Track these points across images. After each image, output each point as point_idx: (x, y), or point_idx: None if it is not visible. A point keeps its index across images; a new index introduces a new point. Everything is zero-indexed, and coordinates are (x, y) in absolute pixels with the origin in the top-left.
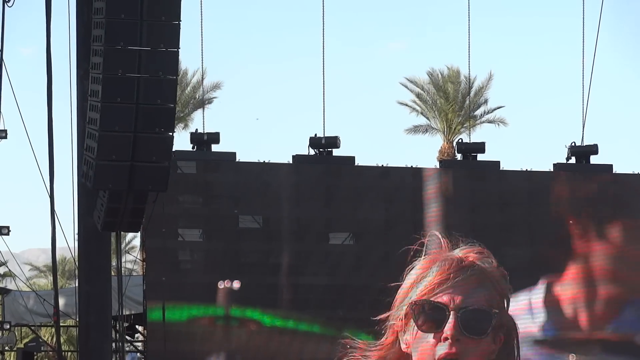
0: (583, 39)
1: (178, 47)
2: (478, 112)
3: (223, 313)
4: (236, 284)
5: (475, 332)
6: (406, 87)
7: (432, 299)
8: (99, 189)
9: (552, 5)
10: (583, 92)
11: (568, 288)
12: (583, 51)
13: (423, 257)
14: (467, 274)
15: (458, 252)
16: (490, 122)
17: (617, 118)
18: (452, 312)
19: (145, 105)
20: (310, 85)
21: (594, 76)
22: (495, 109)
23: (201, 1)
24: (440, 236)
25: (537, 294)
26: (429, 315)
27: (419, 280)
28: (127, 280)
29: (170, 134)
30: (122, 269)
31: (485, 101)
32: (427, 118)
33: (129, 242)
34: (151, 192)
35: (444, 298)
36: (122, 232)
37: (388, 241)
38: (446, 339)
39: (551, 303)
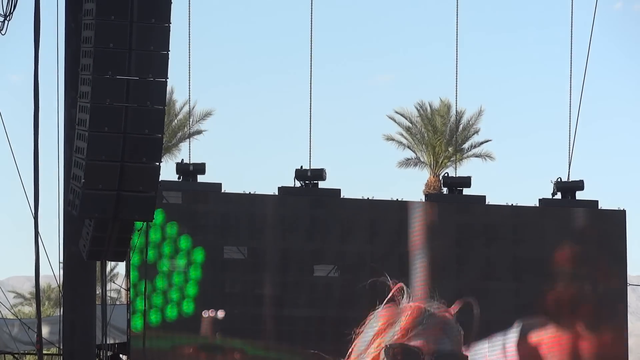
0: (570, 76)
1: (166, 77)
2: (465, 146)
3: (207, 342)
4: (220, 314)
5: None
6: (394, 119)
7: (406, 342)
8: (84, 218)
9: (539, 41)
10: (570, 128)
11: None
12: (570, 87)
13: (384, 305)
14: (435, 321)
15: (421, 304)
16: (477, 156)
17: (603, 154)
18: (426, 356)
19: (132, 135)
20: (297, 117)
21: (581, 112)
22: (482, 143)
23: (189, 33)
24: (405, 289)
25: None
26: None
27: (386, 328)
28: (112, 309)
29: (157, 163)
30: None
31: (474, 133)
32: (414, 151)
33: (112, 270)
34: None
35: (417, 342)
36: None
37: (373, 274)
38: None
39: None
